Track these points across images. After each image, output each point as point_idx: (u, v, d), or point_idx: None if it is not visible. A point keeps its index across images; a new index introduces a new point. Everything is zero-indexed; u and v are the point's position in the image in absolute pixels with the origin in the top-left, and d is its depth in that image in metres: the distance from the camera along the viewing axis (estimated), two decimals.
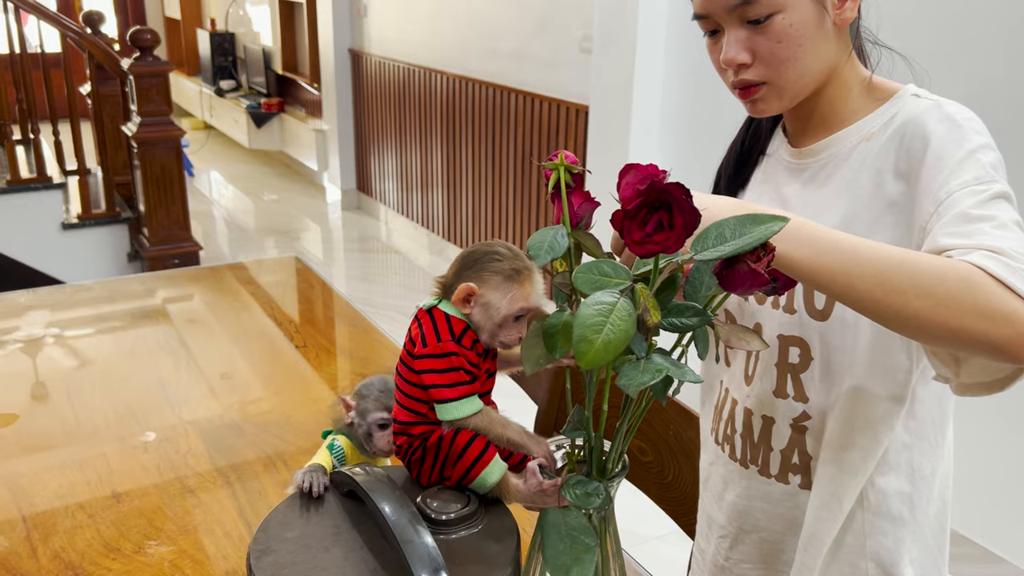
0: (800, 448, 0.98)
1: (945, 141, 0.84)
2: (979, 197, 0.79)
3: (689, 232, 0.63)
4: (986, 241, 0.74)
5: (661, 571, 1.65)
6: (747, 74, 0.90)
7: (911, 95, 0.92)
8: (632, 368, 0.67)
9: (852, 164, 0.93)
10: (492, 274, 0.83)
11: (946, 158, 0.83)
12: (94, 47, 3.93)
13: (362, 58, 5.27)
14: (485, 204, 4.20)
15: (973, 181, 0.80)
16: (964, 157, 0.82)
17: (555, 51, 3.57)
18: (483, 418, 0.83)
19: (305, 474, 0.87)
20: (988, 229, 0.76)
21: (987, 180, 0.80)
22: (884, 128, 0.91)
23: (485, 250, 0.84)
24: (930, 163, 0.84)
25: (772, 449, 1.00)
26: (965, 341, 0.72)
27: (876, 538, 0.97)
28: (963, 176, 0.81)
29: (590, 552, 0.75)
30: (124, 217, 4.06)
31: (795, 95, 0.92)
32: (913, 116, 0.89)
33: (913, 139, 0.87)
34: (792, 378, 0.97)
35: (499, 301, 0.83)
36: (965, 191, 0.80)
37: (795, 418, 0.98)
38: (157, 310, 1.97)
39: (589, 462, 0.82)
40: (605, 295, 0.66)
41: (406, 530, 0.75)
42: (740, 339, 0.80)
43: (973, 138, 0.84)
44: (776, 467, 1.00)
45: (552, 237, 0.84)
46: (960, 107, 0.88)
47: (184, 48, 8.27)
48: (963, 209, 0.78)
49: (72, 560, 1.09)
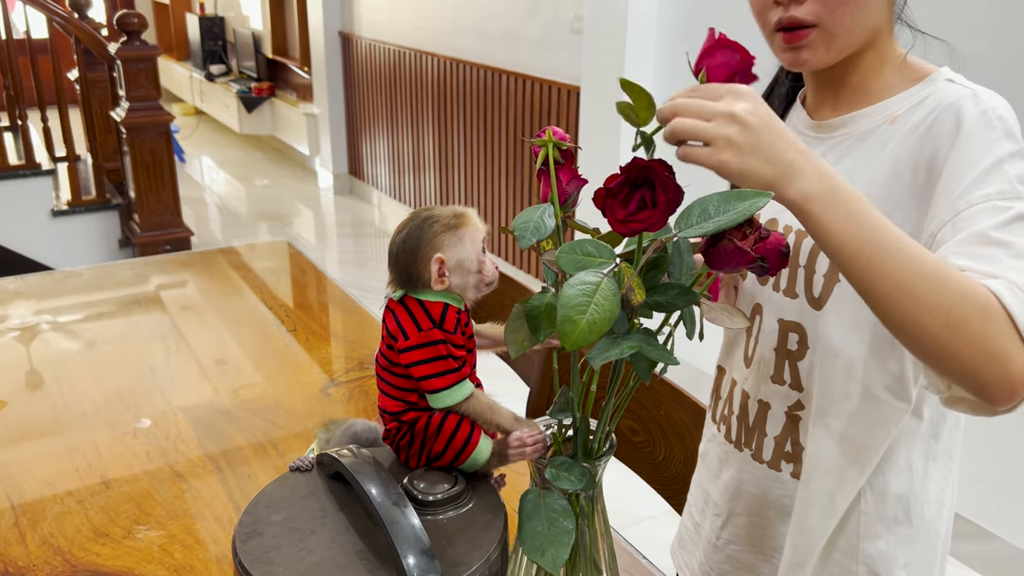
0: (793, 438, 0.97)
1: (975, 142, 0.79)
2: (1000, 217, 0.74)
3: (672, 210, 0.63)
4: (1006, 272, 0.70)
5: (653, 551, 1.65)
6: (799, 11, 0.83)
7: (945, 79, 0.86)
8: (606, 342, 0.67)
9: (871, 146, 0.88)
10: (442, 235, 0.81)
11: (972, 162, 0.78)
12: (81, 32, 3.89)
13: (352, 41, 5.24)
14: (477, 186, 4.19)
15: (996, 195, 0.75)
16: (991, 166, 0.77)
17: (546, 32, 3.55)
18: (474, 403, 0.82)
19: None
20: (1005, 257, 0.71)
21: (1011, 196, 0.75)
22: (911, 112, 0.86)
23: (418, 223, 0.82)
24: (954, 163, 0.79)
25: (766, 435, 0.99)
26: (955, 369, 0.70)
27: (871, 541, 0.94)
28: (986, 188, 0.76)
29: (568, 535, 0.74)
30: (114, 203, 4.03)
31: (842, 47, 0.86)
32: (945, 105, 0.83)
33: (941, 132, 0.82)
34: (790, 365, 0.95)
35: (465, 251, 0.82)
36: (986, 206, 0.75)
37: (790, 406, 0.96)
38: (148, 296, 1.96)
39: (575, 443, 0.82)
40: (589, 275, 0.66)
41: (392, 511, 0.75)
42: (724, 316, 0.80)
43: (1003, 144, 0.78)
44: (769, 453, 0.99)
45: (538, 217, 0.83)
46: (997, 100, 0.82)
47: (173, 33, 8.20)
48: (982, 228, 0.74)
49: (61, 545, 1.09)
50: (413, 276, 0.82)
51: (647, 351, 0.68)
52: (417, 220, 0.83)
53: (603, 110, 3.08)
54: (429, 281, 0.81)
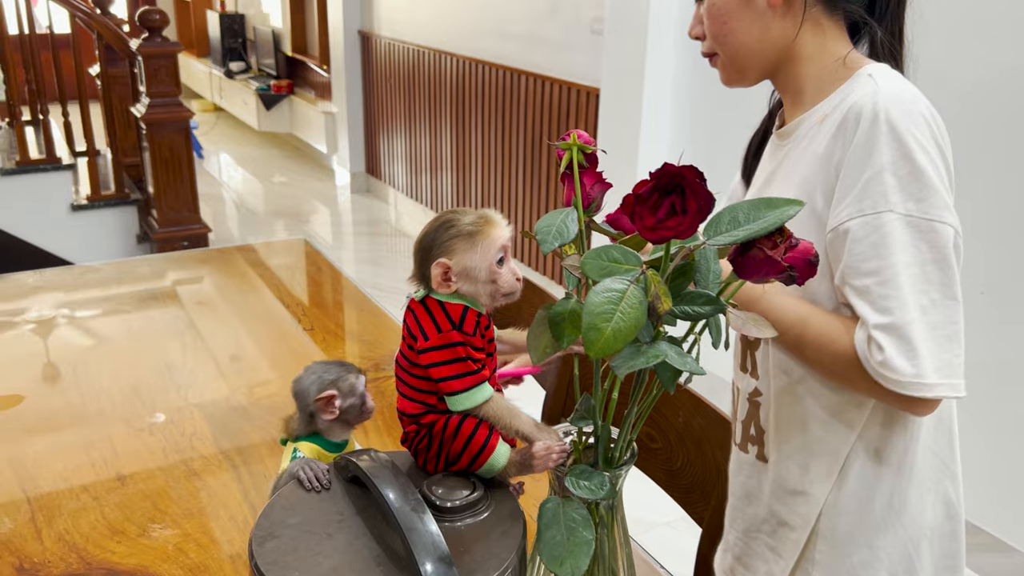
0: (756, 422, 1.03)
1: (861, 150, 0.84)
2: (870, 238, 0.82)
3: (703, 217, 0.61)
4: (870, 317, 0.82)
5: (670, 558, 1.63)
6: (703, 46, 0.98)
7: (866, 75, 0.89)
8: (631, 351, 0.66)
9: (807, 147, 0.92)
10: (454, 240, 0.80)
11: (858, 168, 0.84)
12: (103, 27, 3.91)
13: (372, 40, 5.24)
14: (495, 187, 4.18)
15: (870, 209, 0.82)
16: (871, 177, 0.83)
17: (566, 33, 3.53)
18: (493, 407, 0.81)
19: (302, 467, 0.84)
20: (874, 290, 0.82)
21: (880, 209, 0.82)
22: (834, 111, 0.90)
23: (436, 225, 0.81)
24: (846, 169, 0.85)
25: (737, 419, 1.07)
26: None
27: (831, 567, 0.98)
28: (862, 202, 0.83)
29: (587, 545, 0.73)
30: (133, 199, 4.05)
31: (745, 68, 0.96)
32: (851, 103, 0.87)
33: (845, 133, 0.86)
34: (750, 354, 1.02)
35: (474, 260, 0.80)
36: (859, 221, 0.83)
37: (750, 393, 1.03)
38: (165, 292, 1.96)
39: (595, 452, 0.80)
40: (615, 282, 0.65)
41: (410, 517, 0.74)
42: (751, 325, 0.78)
43: (884, 152, 0.82)
44: (739, 436, 1.07)
45: (561, 221, 0.82)
46: (895, 98, 0.84)
47: (194, 29, 8.25)
48: (854, 260, 0.83)
49: (76, 543, 1.09)
50: (425, 276, 0.82)
51: (673, 360, 0.67)
52: (439, 221, 0.82)
53: (623, 112, 3.07)
54: (434, 284, 0.81)
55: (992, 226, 2.13)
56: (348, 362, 0.92)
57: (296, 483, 0.84)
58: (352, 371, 0.90)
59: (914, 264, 0.81)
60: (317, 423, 0.90)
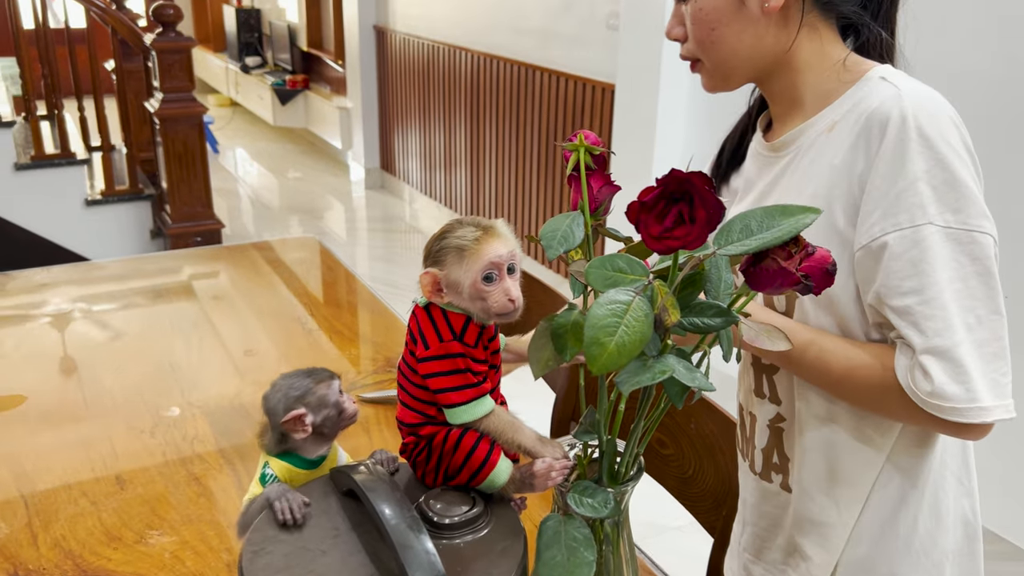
0: (779, 450, 0.96)
1: (890, 160, 0.78)
2: (910, 254, 0.76)
3: (712, 227, 0.58)
4: (915, 340, 0.77)
5: (680, 563, 1.60)
6: (683, 49, 0.91)
7: (879, 78, 0.83)
8: (636, 365, 0.62)
9: (815, 158, 0.86)
10: (446, 252, 0.76)
11: (889, 180, 0.78)
12: (117, 22, 3.91)
13: (387, 35, 5.22)
14: (509, 184, 4.15)
15: (907, 223, 0.77)
16: (904, 188, 0.77)
17: (581, 28, 3.49)
18: (495, 421, 0.78)
19: (278, 498, 0.78)
20: (917, 310, 0.76)
21: (919, 222, 0.76)
22: (846, 117, 0.83)
23: (440, 232, 0.78)
24: (874, 181, 0.79)
25: (755, 447, 1.00)
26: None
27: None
28: (898, 216, 0.77)
29: (588, 567, 0.70)
30: (147, 194, 4.05)
31: (730, 74, 0.89)
32: (872, 109, 0.80)
33: (869, 142, 0.80)
34: (767, 379, 0.96)
35: (458, 273, 0.75)
36: (895, 236, 0.77)
37: (771, 419, 0.97)
38: (178, 288, 1.95)
39: (600, 468, 0.77)
40: (619, 293, 0.61)
41: (405, 535, 0.71)
42: (764, 337, 0.75)
43: (917, 161, 0.76)
44: (760, 465, 1.00)
45: (567, 226, 0.78)
46: (922, 102, 0.78)
47: (210, 24, 8.26)
48: (893, 279, 0.77)
49: (72, 549, 1.07)
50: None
51: (681, 376, 0.63)
52: (442, 228, 0.79)
53: (638, 108, 3.02)
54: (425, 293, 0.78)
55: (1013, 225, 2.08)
56: (318, 368, 0.85)
57: (270, 512, 0.78)
58: (322, 379, 0.83)
59: (957, 279, 0.76)
60: (290, 441, 0.83)
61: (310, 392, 0.82)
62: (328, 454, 0.86)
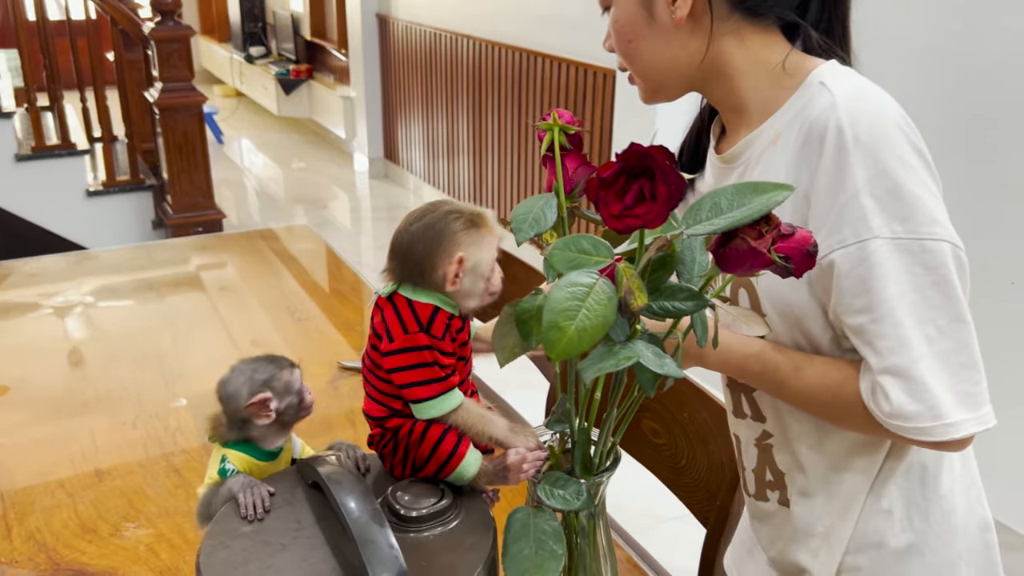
0: (771, 467, 0.92)
1: (831, 174, 0.73)
2: (857, 271, 0.73)
3: (674, 204, 0.55)
4: (872, 360, 0.74)
5: (675, 553, 1.57)
6: (618, 60, 0.89)
7: (818, 83, 0.77)
8: (601, 351, 0.59)
9: (764, 171, 0.81)
10: (463, 232, 0.74)
11: (829, 197, 0.74)
12: (117, 12, 3.89)
13: (389, 23, 5.18)
14: (511, 172, 4.11)
15: (852, 239, 0.73)
16: (845, 203, 0.72)
17: (583, 14, 3.45)
18: (463, 415, 0.75)
19: (242, 490, 0.75)
20: (869, 329, 0.73)
21: (863, 236, 0.72)
22: (789, 127, 0.78)
23: (437, 217, 0.75)
24: (817, 196, 0.75)
25: (745, 468, 0.96)
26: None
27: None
28: (842, 231, 0.73)
29: (556, 560, 0.67)
30: (148, 184, 4.03)
31: (661, 87, 0.87)
32: (811, 120, 0.76)
33: (810, 156, 0.75)
34: (745, 397, 0.91)
35: (480, 253, 0.75)
36: (840, 253, 0.73)
37: (757, 438, 0.92)
38: (184, 278, 1.93)
39: (573, 457, 0.74)
40: (581, 275, 0.58)
41: (367, 529, 0.68)
42: (742, 323, 0.71)
43: (858, 171, 0.72)
44: (753, 486, 0.96)
45: (539, 208, 0.76)
46: (860, 106, 0.73)
47: (215, 14, 8.23)
48: (844, 298, 0.74)
49: (46, 542, 1.05)
50: (425, 272, 0.75)
51: (648, 362, 0.60)
52: (438, 212, 0.75)
53: None
54: (443, 280, 0.74)
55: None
56: (279, 356, 0.82)
57: (233, 505, 0.76)
58: (284, 365, 0.81)
59: (912, 291, 0.71)
60: (250, 430, 0.80)
61: (275, 377, 0.79)
62: (285, 445, 0.83)
